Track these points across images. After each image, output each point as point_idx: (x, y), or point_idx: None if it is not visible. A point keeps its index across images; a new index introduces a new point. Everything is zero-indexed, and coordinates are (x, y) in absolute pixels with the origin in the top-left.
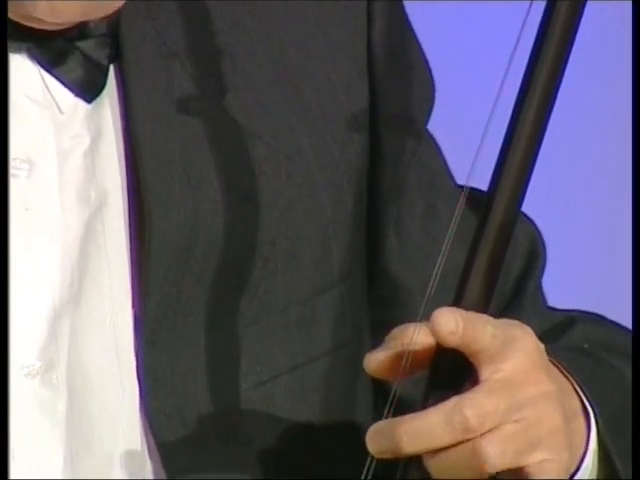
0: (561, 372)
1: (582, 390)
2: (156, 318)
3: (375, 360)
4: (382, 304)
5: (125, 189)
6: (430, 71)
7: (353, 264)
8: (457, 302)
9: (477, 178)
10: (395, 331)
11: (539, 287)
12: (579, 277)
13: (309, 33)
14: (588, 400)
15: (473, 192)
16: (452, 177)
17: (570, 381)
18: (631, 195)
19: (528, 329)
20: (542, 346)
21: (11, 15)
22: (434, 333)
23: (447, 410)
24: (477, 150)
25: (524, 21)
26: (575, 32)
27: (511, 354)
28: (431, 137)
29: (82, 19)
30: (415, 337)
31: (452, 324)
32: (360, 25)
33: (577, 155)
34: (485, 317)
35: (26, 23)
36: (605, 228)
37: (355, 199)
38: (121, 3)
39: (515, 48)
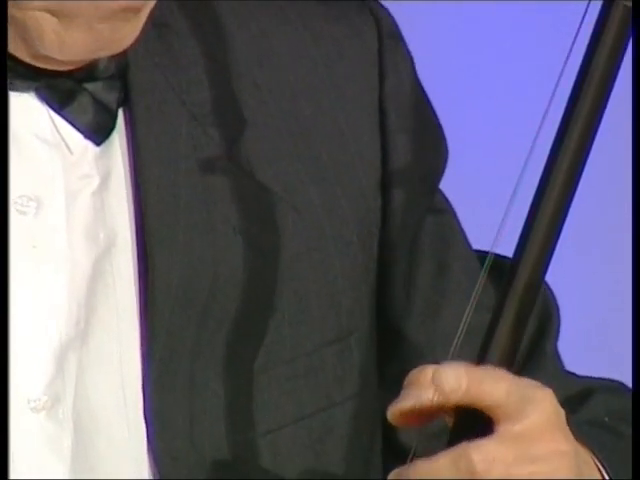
0: (582, 445)
1: (604, 467)
2: (163, 360)
3: (397, 412)
4: (391, 359)
5: (134, 231)
6: (443, 131)
7: (362, 318)
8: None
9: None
10: (412, 376)
11: (557, 350)
12: (582, 297)
13: (321, 87)
14: (610, 477)
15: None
16: (464, 235)
17: (591, 456)
18: (631, 208)
19: (549, 391)
20: (562, 410)
21: (21, 55)
22: (437, 390)
23: (454, 454)
24: (505, 213)
25: (561, 73)
26: (607, 99)
27: (529, 412)
28: (443, 194)
29: (90, 56)
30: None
31: (452, 381)
32: (372, 81)
33: None
34: (500, 373)
35: (36, 64)
36: (606, 244)
37: (365, 253)
38: (129, 42)
39: (540, 127)
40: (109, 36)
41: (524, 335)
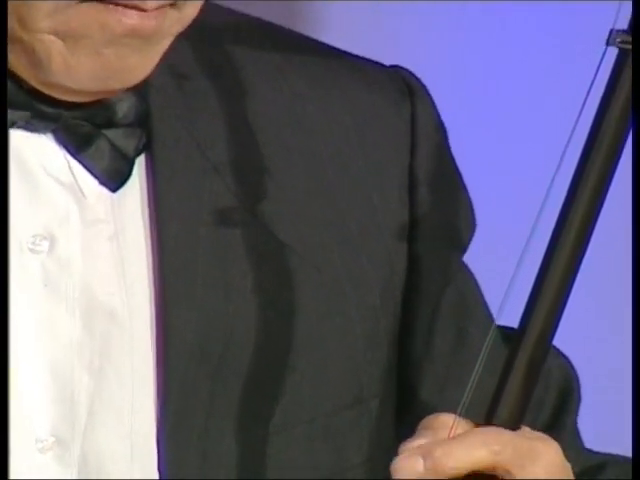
0: None
1: None
2: (177, 414)
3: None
4: (410, 425)
5: (152, 282)
6: (471, 202)
7: (382, 382)
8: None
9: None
10: (427, 421)
11: (576, 425)
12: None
13: (351, 153)
14: None
15: (503, 328)
16: (486, 304)
17: None
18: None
19: (553, 443)
20: (568, 464)
21: (32, 81)
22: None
23: None
24: (510, 280)
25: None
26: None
27: (531, 469)
28: (465, 265)
29: (99, 86)
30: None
31: (408, 473)
32: (404, 149)
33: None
34: (483, 435)
35: (46, 92)
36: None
37: (387, 318)
38: (139, 75)
39: (547, 193)
40: (116, 63)
41: (532, 395)
